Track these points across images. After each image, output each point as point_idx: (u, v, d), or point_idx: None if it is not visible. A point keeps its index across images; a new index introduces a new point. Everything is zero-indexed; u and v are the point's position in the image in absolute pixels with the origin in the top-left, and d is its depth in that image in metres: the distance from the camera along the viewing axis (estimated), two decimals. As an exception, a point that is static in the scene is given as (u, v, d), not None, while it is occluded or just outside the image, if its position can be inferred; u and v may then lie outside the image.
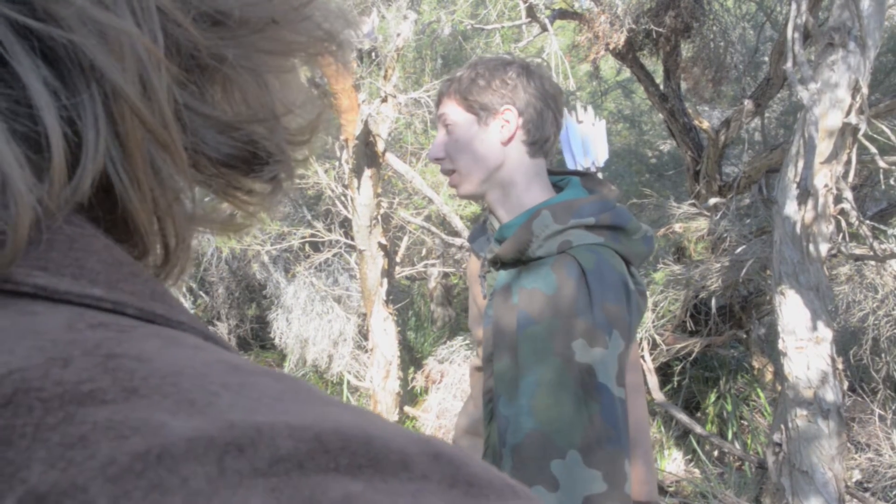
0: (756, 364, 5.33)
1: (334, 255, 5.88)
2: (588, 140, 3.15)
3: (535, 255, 1.40)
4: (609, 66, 7.64)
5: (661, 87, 5.03)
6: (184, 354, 0.28)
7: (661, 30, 4.50)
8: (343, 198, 5.17)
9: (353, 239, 5.19)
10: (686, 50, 4.97)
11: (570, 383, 1.28)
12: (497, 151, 1.48)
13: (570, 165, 3.11)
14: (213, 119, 0.36)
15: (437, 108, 1.56)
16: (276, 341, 6.20)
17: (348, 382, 5.77)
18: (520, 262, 1.43)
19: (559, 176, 1.59)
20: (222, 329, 6.97)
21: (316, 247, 5.99)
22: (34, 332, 0.27)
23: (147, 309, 0.32)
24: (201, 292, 6.97)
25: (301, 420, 0.26)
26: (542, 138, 1.50)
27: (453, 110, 1.50)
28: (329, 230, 5.73)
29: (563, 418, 1.27)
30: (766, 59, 5.20)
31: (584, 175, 1.60)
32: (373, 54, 5.05)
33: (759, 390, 5.30)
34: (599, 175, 1.92)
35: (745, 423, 5.24)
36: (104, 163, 0.32)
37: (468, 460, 0.27)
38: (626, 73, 6.31)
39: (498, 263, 1.47)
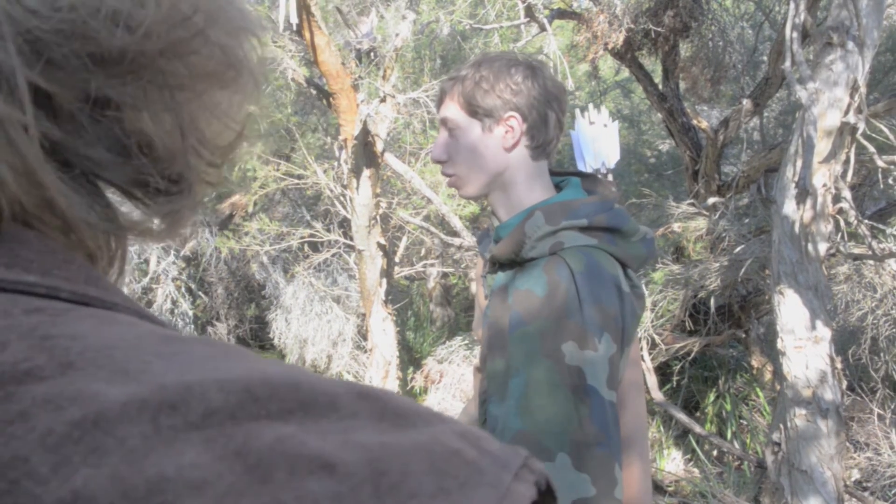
0: (755, 363, 5.33)
1: (333, 256, 5.88)
2: (599, 141, 3.15)
3: (528, 255, 1.40)
4: (608, 65, 7.64)
5: (660, 86, 5.03)
6: (117, 331, 0.30)
7: (659, 29, 4.50)
8: (342, 198, 5.17)
9: (351, 239, 5.18)
10: (685, 49, 4.97)
11: (559, 385, 1.28)
12: (501, 157, 1.47)
13: (580, 167, 3.11)
14: (96, 157, 0.36)
15: (439, 108, 1.53)
16: (276, 341, 6.20)
17: None
18: (516, 262, 1.43)
19: (561, 177, 1.59)
20: (221, 329, 6.97)
21: (315, 247, 5.99)
22: None
23: (80, 292, 0.33)
24: (200, 293, 6.96)
25: (229, 375, 0.27)
26: (546, 141, 1.49)
27: (456, 113, 1.47)
28: (328, 230, 5.73)
29: (552, 420, 1.26)
30: (765, 58, 5.20)
31: (586, 176, 1.60)
32: (371, 54, 5.05)
33: (758, 390, 5.30)
34: (609, 176, 1.93)
35: (745, 422, 5.24)
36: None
37: (393, 396, 0.29)
38: (625, 72, 6.31)
39: (496, 264, 1.47)
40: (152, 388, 0.26)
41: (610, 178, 3.06)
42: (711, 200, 4.66)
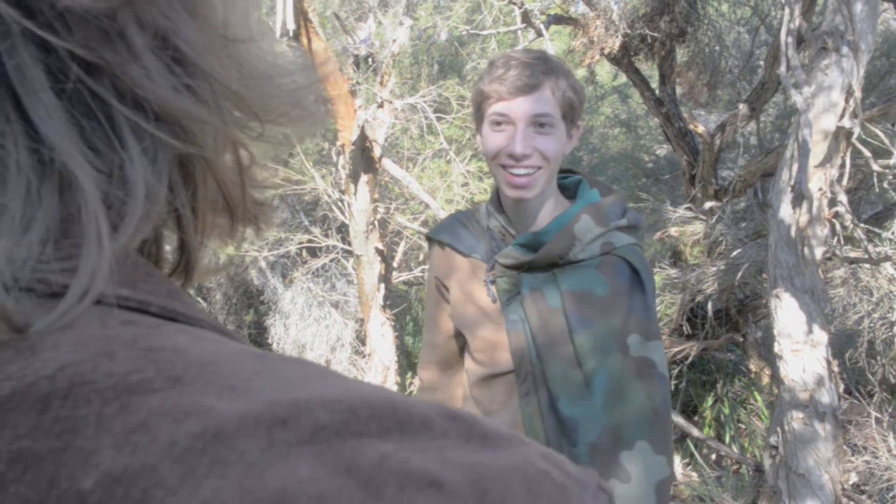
0: (753, 367, 5.34)
1: (331, 261, 5.89)
2: None
3: (577, 258, 1.42)
4: (605, 70, 7.66)
5: (657, 91, 5.04)
6: (213, 347, 0.31)
7: (655, 34, 4.51)
8: (340, 203, 5.18)
9: (350, 244, 5.19)
10: (681, 54, 4.99)
11: (632, 378, 1.35)
12: (559, 162, 1.49)
13: None
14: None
15: (528, 98, 1.41)
16: (274, 347, 6.20)
17: None
18: (552, 265, 1.44)
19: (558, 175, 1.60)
20: (220, 335, 6.97)
21: (313, 252, 6.00)
22: (70, 329, 0.30)
23: (168, 307, 0.34)
24: (199, 298, 6.97)
25: (332, 394, 0.29)
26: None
27: (555, 110, 1.43)
28: (326, 235, 5.74)
29: (631, 411, 1.34)
30: (761, 63, 5.22)
31: (579, 173, 1.61)
32: (369, 60, 5.07)
33: (756, 393, 5.31)
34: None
35: (743, 426, 5.25)
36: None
37: (478, 419, 0.31)
38: (622, 77, 6.33)
39: (523, 268, 1.46)
40: (263, 405, 0.27)
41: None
42: (708, 205, 4.67)
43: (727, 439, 5.10)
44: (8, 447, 0.26)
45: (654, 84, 5.19)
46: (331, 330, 5.97)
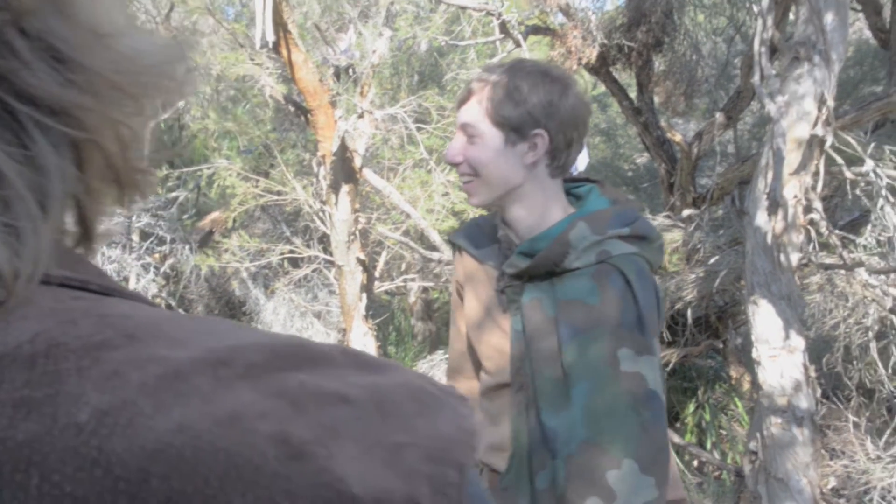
0: (733, 374, 5.38)
1: (313, 271, 5.89)
2: None
3: (572, 266, 1.38)
4: (584, 80, 7.72)
5: (635, 100, 5.09)
6: (152, 312, 0.38)
7: (632, 45, 4.56)
8: (321, 214, 5.18)
9: (331, 255, 5.20)
10: (658, 64, 5.04)
11: (620, 393, 1.30)
12: (520, 173, 1.43)
13: None
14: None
15: (460, 107, 1.45)
16: (256, 358, 6.17)
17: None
18: (551, 274, 1.42)
19: (571, 183, 1.56)
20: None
21: (295, 263, 6.00)
22: (32, 305, 0.36)
23: (104, 285, 0.40)
24: (180, 310, 6.94)
25: (257, 340, 0.37)
26: (567, 163, 1.47)
27: (480, 121, 1.41)
28: (308, 246, 5.74)
29: (616, 428, 1.29)
30: (737, 72, 5.28)
31: (595, 181, 1.58)
32: (349, 71, 5.08)
33: (736, 399, 5.35)
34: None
35: (724, 432, 5.28)
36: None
37: (364, 352, 0.39)
38: (602, 87, 6.38)
39: (524, 277, 1.45)
40: (206, 351, 0.35)
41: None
42: (687, 212, 4.71)
43: (709, 445, 5.13)
44: (10, 396, 0.32)
45: (633, 93, 5.24)
46: (313, 340, 5.97)
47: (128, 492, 0.30)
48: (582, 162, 3.19)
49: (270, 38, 3.95)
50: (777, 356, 3.40)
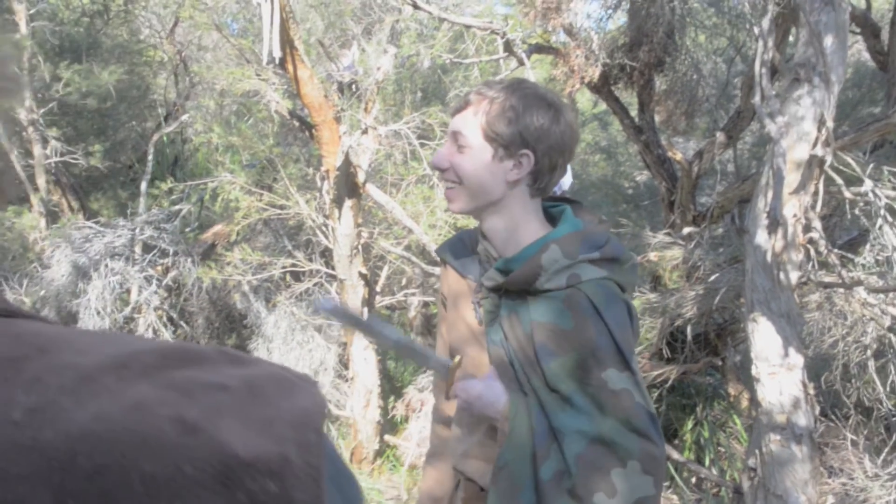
0: (732, 391, 5.40)
1: (315, 285, 5.90)
2: None
3: (544, 287, 1.43)
4: (586, 98, 7.78)
5: (636, 119, 5.14)
6: (54, 328, 0.46)
7: (634, 64, 4.62)
8: (324, 228, 5.22)
9: (333, 269, 5.22)
10: (660, 83, 5.09)
11: (615, 409, 1.37)
12: (501, 188, 1.48)
13: None
14: None
15: (455, 117, 1.51)
16: (257, 371, 6.17)
17: (329, 411, 5.76)
18: (525, 292, 1.46)
19: (549, 202, 1.60)
20: (202, 359, 6.92)
21: (297, 276, 6.01)
22: None
23: (8, 308, 0.47)
24: (181, 322, 6.95)
25: (148, 347, 0.45)
26: (547, 185, 1.52)
27: (472, 132, 1.46)
28: (310, 260, 5.76)
29: (619, 435, 1.36)
30: (738, 92, 5.34)
31: (572, 202, 1.62)
32: (353, 87, 5.13)
33: (735, 417, 5.36)
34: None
35: (722, 449, 5.30)
36: None
37: (235, 351, 0.48)
38: (603, 105, 6.43)
39: (500, 291, 1.50)
40: (109, 357, 0.43)
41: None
42: (687, 230, 4.75)
43: (707, 462, 5.14)
44: None
45: (634, 112, 5.29)
46: (314, 354, 5.97)
47: (60, 468, 0.38)
48: (566, 183, 3.22)
49: (277, 54, 4.00)
50: (776, 373, 3.42)
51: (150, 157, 6.31)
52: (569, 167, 1.62)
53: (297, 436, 0.43)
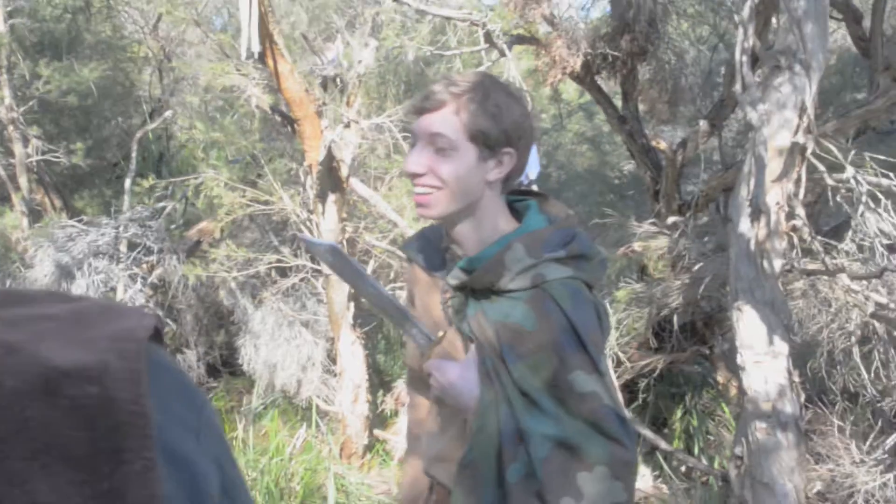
0: (721, 379, 5.41)
1: (301, 280, 5.88)
2: None
3: (507, 287, 1.39)
4: (573, 88, 7.76)
5: (620, 109, 5.13)
6: None
7: (616, 54, 4.60)
8: (308, 223, 5.19)
9: (319, 264, 5.20)
10: (643, 72, 5.08)
11: (581, 412, 1.34)
12: (480, 188, 1.43)
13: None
14: None
15: (426, 116, 1.42)
16: (245, 367, 6.17)
17: (317, 407, 5.76)
18: (489, 291, 1.43)
19: (513, 196, 1.55)
20: (191, 356, 6.90)
21: (283, 272, 5.99)
22: None
23: None
24: (168, 320, 6.91)
25: None
26: (516, 180, 1.49)
27: (454, 132, 1.39)
28: (296, 255, 5.74)
29: (586, 438, 1.33)
30: (721, 80, 5.33)
31: (536, 195, 1.59)
32: (337, 80, 5.10)
33: (723, 405, 5.37)
34: (534, 187, 1.92)
35: (711, 437, 5.31)
36: None
37: (67, 293, 0.56)
38: (588, 95, 6.42)
39: (466, 290, 1.46)
40: None
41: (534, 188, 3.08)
42: (672, 219, 4.75)
43: (696, 451, 5.15)
44: None
45: (618, 101, 5.28)
46: (301, 349, 5.96)
47: None
48: (533, 170, 3.19)
49: (256, 48, 3.97)
50: (761, 362, 3.43)
51: (133, 155, 6.26)
52: (535, 154, 1.60)
53: (117, 346, 0.46)
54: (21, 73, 6.08)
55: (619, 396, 1.44)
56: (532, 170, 3.12)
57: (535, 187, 3.16)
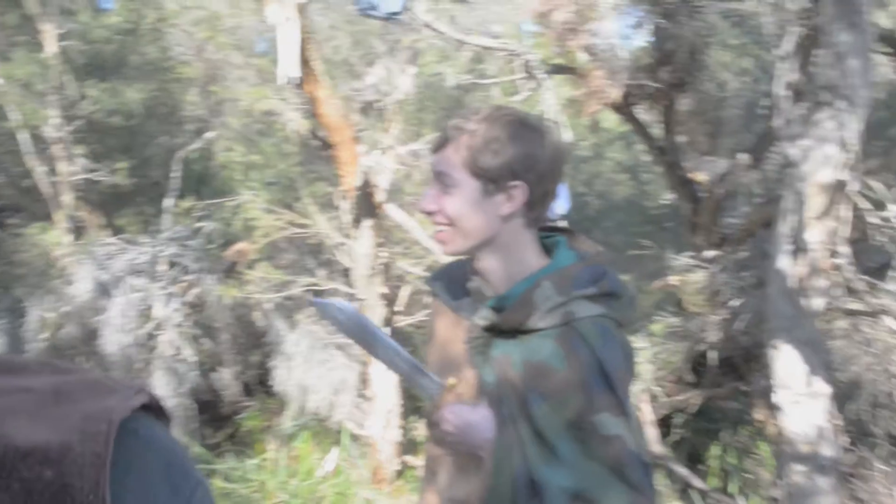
0: (759, 417, 5.27)
1: (336, 304, 5.88)
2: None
3: (537, 326, 1.36)
4: (613, 116, 7.70)
5: (659, 139, 5.07)
6: None
7: (657, 85, 4.55)
8: (343, 247, 5.21)
9: (353, 288, 5.20)
10: (683, 104, 5.02)
11: (604, 457, 1.30)
12: (495, 224, 1.40)
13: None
14: None
15: (436, 155, 1.42)
16: (278, 388, 6.18)
17: (349, 430, 5.74)
18: (518, 331, 1.39)
19: (542, 232, 1.51)
20: (226, 375, 6.95)
21: (318, 295, 6.01)
22: None
23: None
24: (206, 339, 6.96)
25: None
26: (544, 213, 1.46)
27: (457, 170, 1.38)
28: (331, 279, 5.75)
29: (606, 488, 1.29)
30: (764, 112, 5.25)
31: (566, 232, 1.55)
32: (375, 106, 5.13)
33: (761, 444, 5.24)
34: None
35: (749, 476, 5.18)
36: None
37: (58, 361, 0.51)
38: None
39: (494, 330, 1.43)
40: None
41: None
42: (710, 253, 4.67)
43: (734, 490, 5.03)
44: None
45: (657, 132, 5.22)
46: (334, 373, 5.96)
47: None
48: (561, 207, 3.14)
49: (296, 74, 4.01)
50: (800, 402, 3.33)
51: (173, 174, 6.36)
52: (565, 190, 1.56)
53: (86, 426, 0.45)
54: (69, 93, 6.21)
55: (645, 438, 1.38)
56: (560, 206, 3.07)
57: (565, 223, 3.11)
